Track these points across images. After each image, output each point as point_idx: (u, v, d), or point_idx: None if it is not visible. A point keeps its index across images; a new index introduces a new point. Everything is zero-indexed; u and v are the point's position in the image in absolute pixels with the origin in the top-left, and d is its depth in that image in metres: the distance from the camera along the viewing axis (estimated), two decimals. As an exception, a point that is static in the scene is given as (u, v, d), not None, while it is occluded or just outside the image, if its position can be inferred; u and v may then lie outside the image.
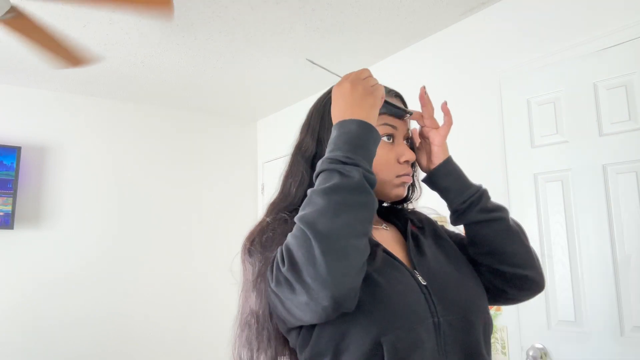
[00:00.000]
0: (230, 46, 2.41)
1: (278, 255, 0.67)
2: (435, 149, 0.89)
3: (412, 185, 0.92)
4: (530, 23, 1.86)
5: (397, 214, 0.93)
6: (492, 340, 1.90)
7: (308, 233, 0.63)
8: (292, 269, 0.63)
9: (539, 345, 1.70)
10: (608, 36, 1.60)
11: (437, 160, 0.89)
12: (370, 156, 0.72)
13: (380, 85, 0.79)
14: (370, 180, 0.69)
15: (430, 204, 1.14)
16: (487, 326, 0.80)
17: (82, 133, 3.14)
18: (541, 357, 1.67)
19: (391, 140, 0.84)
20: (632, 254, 1.50)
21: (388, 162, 0.82)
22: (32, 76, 2.81)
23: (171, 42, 2.35)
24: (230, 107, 3.50)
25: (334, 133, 0.74)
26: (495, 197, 0.89)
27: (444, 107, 0.91)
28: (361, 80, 0.77)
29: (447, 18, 2.14)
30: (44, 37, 1.68)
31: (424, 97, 0.91)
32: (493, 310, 1.90)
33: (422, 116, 0.91)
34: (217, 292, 3.46)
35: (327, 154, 0.71)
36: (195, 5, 1.99)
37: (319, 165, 0.71)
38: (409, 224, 0.89)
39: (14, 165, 2.78)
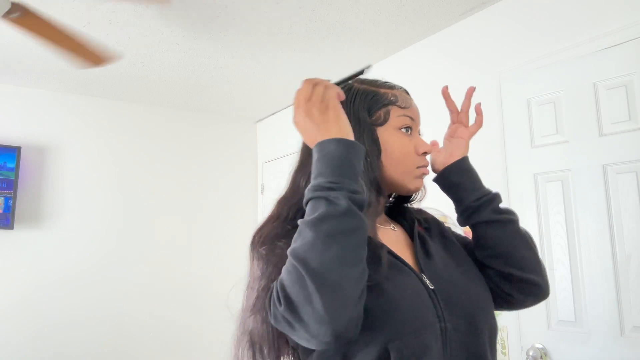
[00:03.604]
0: (230, 46, 2.41)
1: (274, 292, 0.65)
2: (460, 141, 0.92)
3: None
4: (530, 23, 1.86)
5: (404, 213, 0.91)
6: (492, 340, 1.90)
7: (301, 269, 0.62)
8: (289, 308, 0.62)
9: (539, 345, 1.70)
10: (608, 36, 1.60)
11: (459, 153, 0.91)
12: (355, 173, 0.69)
13: (330, 86, 0.75)
14: (358, 201, 0.66)
15: (436, 205, 1.14)
16: (492, 331, 0.79)
17: (82, 133, 3.14)
18: (541, 357, 1.67)
19: (409, 132, 0.83)
20: (632, 254, 1.50)
21: (408, 153, 0.82)
22: (32, 76, 2.81)
23: (171, 42, 2.35)
24: (230, 107, 3.50)
25: (314, 157, 0.71)
26: (496, 197, 0.89)
27: (478, 108, 0.94)
28: (309, 101, 0.73)
29: (447, 18, 2.14)
30: (58, 35, 1.71)
31: (470, 93, 0.94)
32: (493, 310, 1.90)
33: (457, 110, 0.95)
34: (218, 291, 3.46)
35: (312, 181, 0.69)
36: (195, 5, 1.99)
37: (306, 193, 0.69)
38: (416, 224, 0.87)
39: (14, 165, 2.78)
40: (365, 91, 0.83)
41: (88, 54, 1.85)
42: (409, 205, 0.93)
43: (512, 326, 1.82)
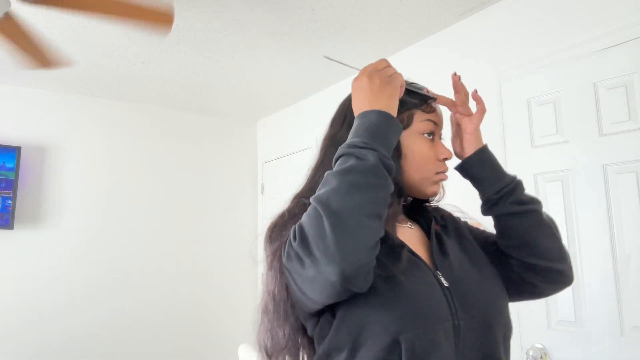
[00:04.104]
0: (230, 46, 2.41)
1: (290, 233, 0.68)
2: (468, 137, 0.88)
3: None
4: (530, 23, 1.86)
5: (421, 212, 0.92)
6: (492, 340, 1.90)
7: (320, 210, 0.64)
8: (302, 243, 0.64)
9: (539, 345, 1.70)
10: (608, 36, 1.60)
11: (470, 149, 0.88)
12: (389, 144, 0.72)
13: (399, 73, 0.79)
14: (387, 165, 0.69)
15: (455, 202, 1.12)
16: (507, 330, 0.79)
17: (82, 133, 3.14)
18: (541, 357, 1.67)
19: (432, 137, 0.84)
20: (632, 254, 1.50)
21: (429, 159, 0.83)
22: (32, 76, 2.81)
23: (171, 42, 2.35)
24: (230, 107, 3.50)
25: (355, 123, 0.75)
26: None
27: (475, 95, 0.90)
28: (378, 71, 0.77)
29: (447, 18, 2.14)
30: (22, 38, 1.68)
31: (457, 84, 0.89)
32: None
33: (454, 103, 0.89)
34: (216, 290, 3.46)
35: (347, 141, 0.72)
36: (195, 5, 1.99)
37: (338, 150, 0.72)
38: (433, 223, 0.88)
39: (14, 165, 2.78)
40: None
41: (38, 55, 1.80)
42: (428, 203, 0.94)
43: (513, 326, 1.83)
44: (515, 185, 0.86)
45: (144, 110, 3.40)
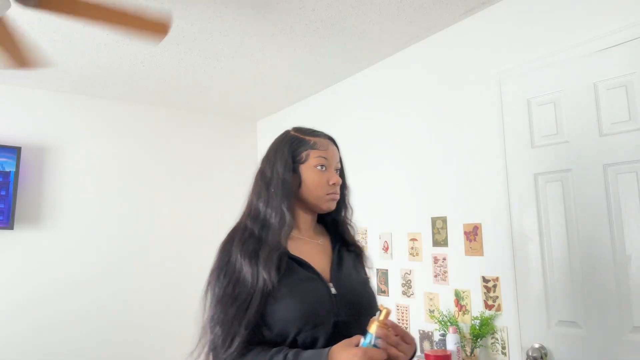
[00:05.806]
0: (230, 46, 2.41)
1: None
2: None
3: (345, 204, 1.15)
4: (530, 23, 1.86)
5: (334, 230, 1.15)
6: (492, 340, 1.90)
7: None
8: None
9: (538, 345, 1.70)
10: (608, 36, 1.60)
11: None
12: None
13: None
14: None
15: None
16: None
17: (82, 133, 3.15)
18: (541, 357, 1.67)
19: (324, 169, 1.07)
20: (632, 254, 1.50)
21: (321, 184, 1.07)
22: (32, 76, 2.81)
23: (171, 42, 2.35)
24: (230, 107, 3.50)
25: (315, 354, 0.89)
26: (496, 198, 0.88)
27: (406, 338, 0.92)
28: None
29: (447, 18, 2.14)
30: (5, 38, 1.69)
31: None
32: (493, 310, 1.90)
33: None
34: (217, 292, 3.45)
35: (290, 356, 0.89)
36: (196, 5, 1.99)
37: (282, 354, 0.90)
38: (339, 243, 1.11)
39: (14, 165, 2.78)
40: (295, 137, 1.09)
41: (15, 54, 1.81)
42: (344, 222, 1.16)
43: (512, 326, 1.83)
44: None
45: (144, 110, 3.40)
